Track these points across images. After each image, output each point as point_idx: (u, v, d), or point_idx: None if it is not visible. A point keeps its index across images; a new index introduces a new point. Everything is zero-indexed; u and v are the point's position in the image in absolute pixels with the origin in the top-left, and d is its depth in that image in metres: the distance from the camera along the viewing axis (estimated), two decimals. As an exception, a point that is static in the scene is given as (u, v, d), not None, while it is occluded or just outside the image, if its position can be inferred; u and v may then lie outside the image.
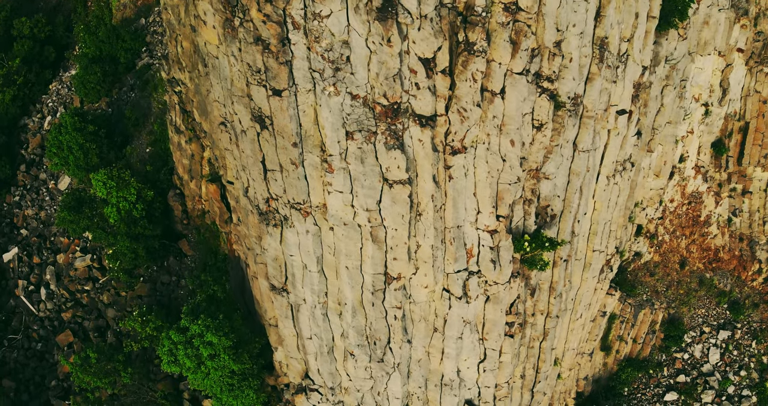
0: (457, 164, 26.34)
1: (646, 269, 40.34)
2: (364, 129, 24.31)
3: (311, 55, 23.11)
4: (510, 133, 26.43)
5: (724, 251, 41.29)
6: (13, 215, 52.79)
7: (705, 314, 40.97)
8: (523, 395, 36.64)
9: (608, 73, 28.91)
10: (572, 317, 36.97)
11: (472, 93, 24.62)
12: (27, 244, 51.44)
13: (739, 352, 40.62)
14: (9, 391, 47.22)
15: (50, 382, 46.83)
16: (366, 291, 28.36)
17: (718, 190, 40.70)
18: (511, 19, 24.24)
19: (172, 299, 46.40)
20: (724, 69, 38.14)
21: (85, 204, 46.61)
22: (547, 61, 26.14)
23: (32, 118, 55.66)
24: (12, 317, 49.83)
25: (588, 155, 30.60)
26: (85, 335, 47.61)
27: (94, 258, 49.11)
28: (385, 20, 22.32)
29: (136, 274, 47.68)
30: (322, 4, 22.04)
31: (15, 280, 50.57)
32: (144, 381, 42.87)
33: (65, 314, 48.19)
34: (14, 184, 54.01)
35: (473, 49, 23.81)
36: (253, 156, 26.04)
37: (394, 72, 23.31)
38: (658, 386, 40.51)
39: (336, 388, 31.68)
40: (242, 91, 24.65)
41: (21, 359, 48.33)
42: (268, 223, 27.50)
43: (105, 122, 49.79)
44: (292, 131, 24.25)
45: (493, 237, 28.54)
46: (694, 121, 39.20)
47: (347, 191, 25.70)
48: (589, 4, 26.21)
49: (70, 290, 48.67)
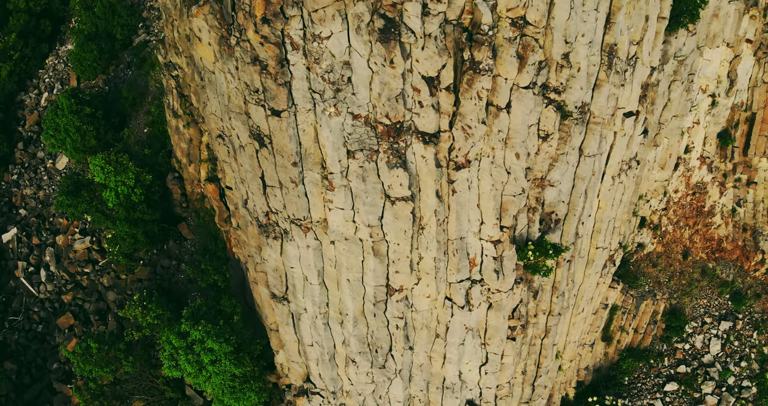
0: (460, 178, 25.87)
1: (649, 259, 40.09)
2: (365, 148, 23.79)
3: (311, 75, 22.49)
4: (515, 146, 25.91)
5: (727, 242, 41.00)
6: (12, 194, 52.37)
7: (707, 304, 40.84)
8: (524, 389, 36.68)
9: (616, 78, 28.26)
10: (574, 312, 36.84)
11: (477, 110, 24.05)
12: (26, 224, 51.12)
13: (740, 343, 40.60)
14: (11, 373, 47.33)
15: (52, 365, 46.91)
16: (368, 302, 28.12)
17: (722, 181, 40.25)
18: (518, 34, 23.55)
19: (173, 283, 46.26)
20: (732, 60, 37.40)
21: (84, 188, 46.16)
22: (555, 73, 25.50)
23: (29, 95, 54.88)
24: (12, 299, 49.73)
25: (594, 160, 30.10)
26: (86, 318, 47.56)
27: (93, 240, 48.84)
28: (388, 42, 21.65)
29: (136, 257, 47.46)
30: (322, 26, 21.36)
31: (15, 261, 50.37)
32: (145, 368, 42.93)
33: (65, 297, 48.08)
34: (12, 163, 53.48)
35: (479, 67, 23.17)
36: (251, 171, 25.56)
37: (397, 92, 22.72)
38: (659, 376, 40.57)
39: (337, 392, 31.66)
40: (240, 108, 24.07)
41: (22, 341, 48.35)
42: (267, 235, 27.13)
43: (102, 103, 49.09)
44: (292, 151, 23.73)
45: (497, 247, 28.20)
46: (700, 112, 38.58)
47: (348, 208, 25.28)
48: (598, 13, 25.48)
49: (69, 272, 48.49)
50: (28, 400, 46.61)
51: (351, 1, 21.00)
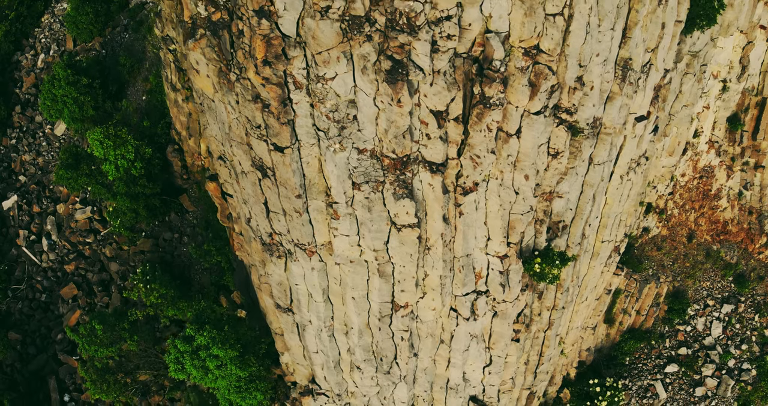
0: (468, 201, 25.42)
1: (654, 243, 39.89)
2: (371, 180, 23.28)
3: (315, 113, 21.81)
4: (525, 168, 25.35)
5: (732, 224, 40.72)
6: (11, 159, 51.81)
7: (710, 287, 40.82)
8: (526, 378, 36.96)
9: (629, 89, 27.47)
10: (577, 301, 36.83)
11: (487, 141, 23.42)
12: (26, 191, 50.74)
13: (742, 325, 40.75)
14: (15, 343, 47.65)
15: (56, 335, 47.19)
16: (373, 317, 28.02)
17: (730, 164, 39.72)
18: (531, 63, 22.74)
19: (176, 256, 46.17)
20: (745, 46, 36.43)
21: (83, 160, 45.62)
22: (567, 95, 24.75)
23: (26, 55, 53.73)
24: (15, 267, 49.71)
25: (603, 166, 29.57)
26: (90, 288, 47.63)
27: (94, 210, 48.54)
28: (395, 83, 20.91)
29: (138, 229, 47.26)
30: (326, 67, 20.58)
31: (16, 229, 50.17)
32: (149, 344, 43.21)
33: (68, 267, 48.06)
34: (10, 126, 52.72)
35: (489, 102, 22.46)
36: (254, 196, 25.08)
37: (404, 129, 22.08)
38: (660, 358, 40.86)
39: (342, 394, 31.89)
40: (241, 139, 23.43)
41: (26, 310, 48.53)
42: (271, 253, 26.82)
43: (99, 70, 48.07)
44: (296, 184, 23.20)
45: (503, 262, 27.95)
46: (710, 97, 37.80)
47: (353, 234, 24.90)
48: (614, 31, 24.57)
49: (71, 242, 48.36)
50: (34, 370, 47.06)
51: (356, 42, 20.19)
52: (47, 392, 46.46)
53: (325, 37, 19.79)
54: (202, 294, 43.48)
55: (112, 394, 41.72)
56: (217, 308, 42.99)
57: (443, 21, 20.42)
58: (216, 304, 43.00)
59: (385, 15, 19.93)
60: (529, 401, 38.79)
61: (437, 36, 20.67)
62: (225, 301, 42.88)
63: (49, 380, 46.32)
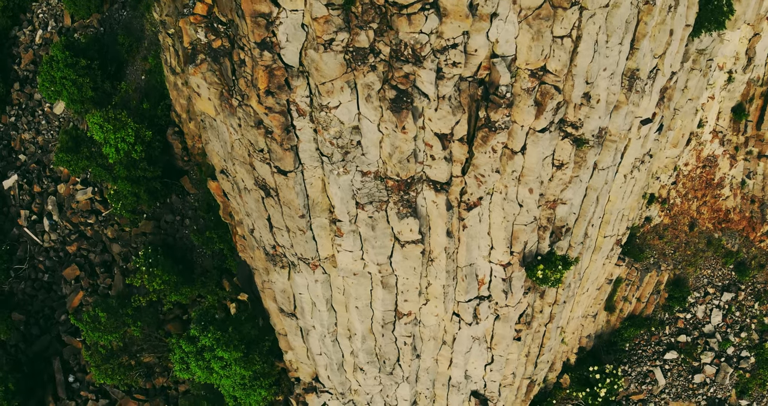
0: (471, 215, 25.32)
1: (655, 232, 39.89)
2: (375, 200, 23.16)
3: (318, 138, 21.59)
4: (529, 182, 25.21)
5: (734, 213, 40.67)
6: (11, 137, 51.50)
7: (710, 274, 40.93)
8: (526, 368, 37.28)
9: (636, 97, 27.20)
10: (579, 292, 36.98)
11: (491, 162, 23.24)
12: (26, 170, 50.55)
13: (741, 313, 40.96)
14: (19, 324, 47.91)
15: (60, 316, 47.43)
16: (376, 323, 28.14)
17: (734, 153, 39.52)
18: (537, 84, 22.44)
19: (178, 239, 46.19)
20: (751, 38, 35.96)
21: (83, 143, 45.36)
22: (573, 110, 24.49)
23: (23, 30, 53.02)
24: (17, 247, 49.76)
25: (607, 171, 29.42)
26: (92, 269, 47.74)
27: (95, 191, 48.41)
28: (399, 111, 20.66)
29: (139, 210, 47.20)
30: (330, 97, 20.29)
31: (17, 208, 50.09)
32: (153, 329, 43.51)
33: (70, 248, 48.11)
34: (9, 103, 52.29)
35: (495, 126, 22.22)
36: (257, 211, 24.96)
37: (408, 154, 21.89)
38: (659, 344, 41.16)
39: (346, 392, 32.17)
40: (244, 158, 23.23)
41: (28, 290, 48.69)
42: (275, 263, 26.81)
43: (97, 51, 47.46)
44: (299, 205, 23.08)
45: (506, 269, 27.96)
46: (716, 87, 37.44)
47: (357, 249, 24.86)
48: (622, 45, 24.21)
49: (72, 223, 48.33)
50: (38, 351, 47.41)
51: (360, 72, 19.89)
52: (51, 372, 46.87)
53: (329, 68, 19.50)
54: (204, 278, 43.61)
55: (116, 378, 42.15)
56: (220, 292, 43.20)
57: (449, 49, 20.11)
58: (219, 288, 43.19)
59: (390, 45, 19.61)
60: (530, 389, 39.22)
61: (442, 64, 20.37)
62: (228, 284, 43.06)
63: (53, 360, 46.69)
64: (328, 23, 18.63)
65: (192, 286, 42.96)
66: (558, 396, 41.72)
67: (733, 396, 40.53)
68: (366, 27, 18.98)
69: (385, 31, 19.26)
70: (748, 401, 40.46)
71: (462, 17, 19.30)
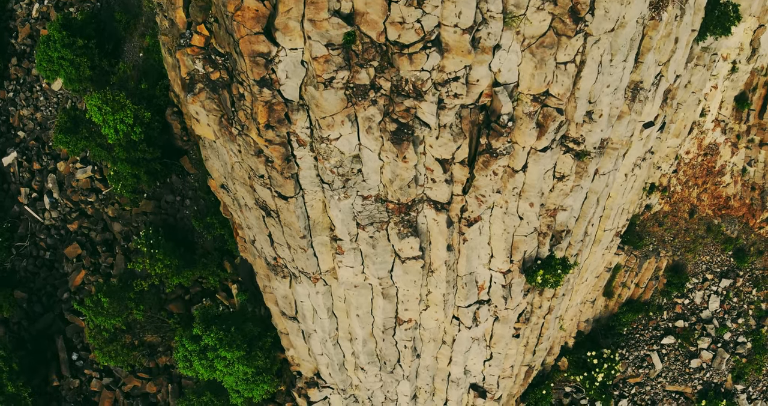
0: (472, 229, 25.34)
1: (655, 219, 39.94)
2: (376, 221, 23.15)
3: (319, 166, 21.48)
4: (530, 197, 25.17)
5: (735, 199, 40.66)
6: (9, 113, 51.19)
7: (709, 261, 41.09)
8: (525, 356, 37.72)
9: (639, 106, 26.98)
10: (578, 281, 37.20)
11: (492, 184, 23.17)
12: (26, 147, 50.37)
13: (739, 299, 41.24)
14: (21, 302, 48.24)
15: (62, 294, 47.73)
16: (377, 329, 28.37)
17: (735, 141, 39.35)
18: (539, 108, 22.25)
19: (179, 219, 46.25)
20: (756, 29, 35.54)
21: (82, 124, 45.13)
22: (575, 127, 24.32)
23: (20, 4, 52.28)
24: (18, 224, 49.84)
25: (608, 175, 29.34)
26: (93, 248, 47.90)
27: (95, 169, 48.31)
28: (400, 143, 20.52)
29: (140, 189, 47.17)
30: (330, 130, 20.14)
31: (17, 185, 50.06)
32: (155, 311, 43.85)
33: (71, 226, 48.21)
34: (6, 78, 51.85)
35: (496, 152, 22.09)
36: (258, 227, 24.96)
37: (409, 180, 21.81)
38: (657, 329, 41.54)
39: (347, 388, 32.58)
40: (244, 180, 23.14)
41: (30, 267, 48.93)
42: (276, 273, 26.91)
43: (94, 29, 46.87)
44: (300, 227, 23.08)
45: (506, 276, 28.09)
46: (719, 78, 37.12)
47: (358, 265, 24.94)
48: (627, 62, 23.93)
49: (73, 201, 48.35)
50: (41, 329, 47.83)
51: (361, 106, 19.71)
52: (55, 350, 47.38)
53: (329, 104, 19.32)
54: (206, 259, 43.79)
55: (119, 359, 42.67)
56: (222, 273, 43.43)
57: (450, 82, 19.90)
58: (220, 269, 43.42)
59: (391, 81, 19.40)
60: (528, 374, 39.73)
61: (444, 95, 20.19)
62: (229, 266, 43.27)
63: (57, 339, 47.15)
64: (328, 63, 18.40)
65: (193, 268, 43.16)
66: (556, 379, 42.28)
67: (729, 381, 41.08)
68: (366, 65, 18.75)
69: (385, 67, 19.04)
70: (744, 385, 41.02)
71: (464, 53, 19.07)
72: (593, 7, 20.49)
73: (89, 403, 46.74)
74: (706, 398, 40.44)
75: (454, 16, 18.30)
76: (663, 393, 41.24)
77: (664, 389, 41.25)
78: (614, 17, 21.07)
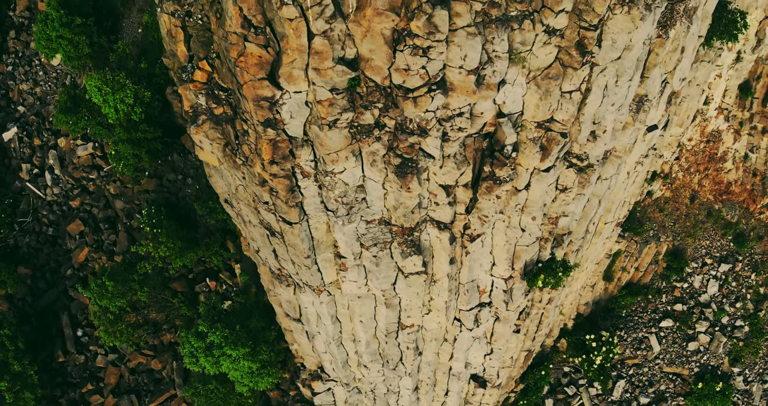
0: (474, 243, 25.48)
1: (656, 205, 40.04)
2: (379, 242, 23.29)
3: (323, 194, 21.52)
4: (532, 212, 25.26)
5: (736, 185, 40.70)
6: (8, 87, 50.84)
7: (709, 245, 41.31)
8: (524, 343, 38.22)
9: (643, 115, 26.86)
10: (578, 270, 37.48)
11: (495, 206, 23.23)
12: (26, 122, 50.16)
13: (738, 283, 41.58)
14: (25, 278, 48.59)
15: (66, 271, 48.05)
16: (380, 332, 28.72)
17: (738, 129, 39.24)
18: (543, 133, 22.19)
19: (180, 198, 46.34)
20: (762, 20, 35.18)
21: (83, 103, 44.92)
22: (579, 146, 24.27)
23: (15, -25, 51.55)
24: (20, 200, 49.92)
25: (610, 179, 29.37)
26: (96, 225, 48.07)
27: (96, 146, 48.20)
28: (404, 176, 20.52)
29: (141, 168, 47.15)
30: (334, 165, 20.12)
31: (18, 161, 49.99)
32: (159, 292, 44.23)
33: (73, 202, 48.32)
34: (5, 52, 51.36)
35: (499, 180, 22.10)
36: (262, 243, 25.08)
37: (413, 207, 21.87)
38: (655, 312, 41.99)
39: (350, 382, 33.10)
40: (248, 202, 23.18)
41: (33, 243, 49.16)
42: (280, 282, 27.14)
43: (92, 6, 46.26)
44: (305, 248, 23.20)
45: (507, 282, 28.34)
46: (723, 67, 36.87)
47: (361, 279, 25.16)
48: (632, 81, 23.77)
49: (74, 177, 48.36)
50: (45, 305, 48.26)
51: (365, 143, 19.67)
52: (60, 326, 47.91)
53: (333, 142, 19.28)
54: (209, 239, 44.01)
55: (123, 338, 43.24)
56: (224, 253, 43.68)
57: (455, 117, 19.82)
58: (223, 249, 43.68)
59: (395, 119, 19.33)
60: (527, 358, 40.29)
61: (448, 129, 20.14)
62: (232, 246, 43.50)
63: (62, 315, 47.63)
64: (332, 106, 18.31)
65: (196, 248, 43.41)
66: (555, 359, 42.90)
67: (725, 364, 41.69)
68: (371, 107, 18.66)
69: (390, 107, 18.95)
70: (740, 368, 41.64)
71: (469, 93, 18.96)
72: (600, 39, 20.29)
73: (95, 378, 47.46)
74: (703, 380, 41.10)
75: (460, 59, 18.16)
76: (660, 375, 41.89)
77: (661, 370, 41.89)
78: (621, 47, 20.88)
